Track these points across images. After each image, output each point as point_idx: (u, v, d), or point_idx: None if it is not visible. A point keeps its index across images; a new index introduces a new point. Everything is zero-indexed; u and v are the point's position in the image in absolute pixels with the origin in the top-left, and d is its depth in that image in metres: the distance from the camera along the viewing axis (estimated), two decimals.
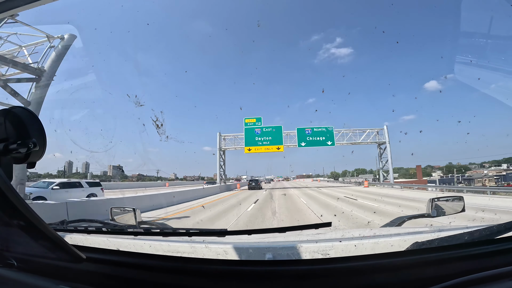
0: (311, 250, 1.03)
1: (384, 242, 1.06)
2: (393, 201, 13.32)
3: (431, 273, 0.86)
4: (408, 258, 0.91)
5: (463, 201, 1.82)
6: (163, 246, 1.13)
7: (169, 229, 1.31)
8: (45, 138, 0.81)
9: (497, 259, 0.88)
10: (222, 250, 1.05)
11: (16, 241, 0.85)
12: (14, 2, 1.21)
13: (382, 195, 16.65)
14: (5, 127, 0.75)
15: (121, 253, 1.07)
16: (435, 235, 1.04)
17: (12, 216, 0.64)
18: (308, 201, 14.49)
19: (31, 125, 0.78)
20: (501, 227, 0.96)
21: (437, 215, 1.76)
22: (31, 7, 1.29)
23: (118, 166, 21.87)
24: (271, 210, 10.90)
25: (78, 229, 1.36)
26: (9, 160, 0.75)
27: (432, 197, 1.81)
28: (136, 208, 1.67)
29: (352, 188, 27.31)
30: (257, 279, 0.92)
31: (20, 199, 0.62)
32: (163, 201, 12.91)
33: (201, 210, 11.53)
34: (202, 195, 18.79)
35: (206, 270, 0.96)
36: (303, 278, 0.89)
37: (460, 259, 0.89)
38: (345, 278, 0.90)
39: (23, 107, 0.81)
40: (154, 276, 0.97)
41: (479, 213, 8.06)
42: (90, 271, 0.99)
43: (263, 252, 1.09)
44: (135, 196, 11.92)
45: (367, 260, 0.91)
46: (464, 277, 0.78)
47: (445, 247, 0.92)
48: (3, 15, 1.25)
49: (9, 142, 0.73)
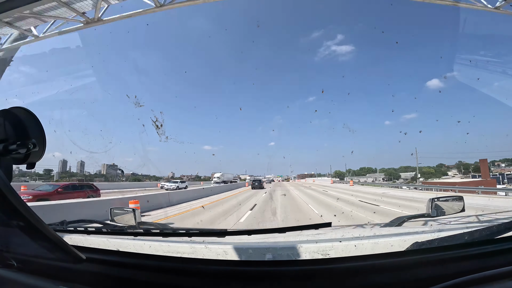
0: (311, 250, 1.02)
1: (384, 242, 1.06)
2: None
3: (432, 273, 0.86)
4: (408, 258, 0.91)
5: (463, 201, 1.82)
6: (163, 246, 1.12)
7: (169, 230, 1.30)
8: (45, 138, 0.81)
9: (497, 259, 0.88)
10: (222, 250, 1.05)
11: (16, 242, 0.85)
12: (14, 2, 1.21)
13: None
14: (4, 127, 0.75)
15: (121, 254, 1.07)
16: (435, 235, 1.04)
17: (12, 217, 0.64)
18: None
19: (31, 126, 0.78)
20: (501, 227, 0.96)
21: (437, 215, 1.76)
22: (31, 8, 1.29)
23: (113, 165, 20.41)
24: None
25: (78, 230, 1.36)
26: (9, 160, 0.75)
27: (432, 197, 1.81)
28: (135, 208, 1.67)
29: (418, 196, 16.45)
30: (257, 280, 0.92)
31: (20, 200, 0.61)
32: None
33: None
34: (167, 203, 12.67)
35: (206, 271, 0.96)
36: (303, 278, 0.89)
37: (460, 259, 0.89)
38: (345, 278, 0.90)
39: (23, 107, 0.80)
40: (154, 277, 0.97)
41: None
42: (90, 271, 0.99)
43: (263, 253, 1.09)
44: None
45: (367, 260, 0.91)
46: (464, 277, 0.78)
47: (445, 247, 0.92)
48: (3, 15, 1.25)
49: (9, 142, 0.73)
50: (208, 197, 17.22)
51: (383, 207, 11.38)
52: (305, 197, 17.19)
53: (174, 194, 15.37)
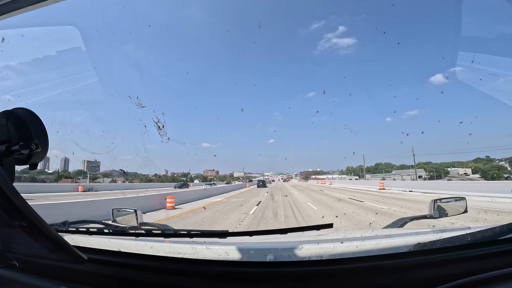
0: (312, 251, 1.02)
1: (386, 243, 1.05)
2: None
3: (434, 274, 0.86)
4: (411, 259, 0.91)
5: (465, 202, 1.81)
6: (164, 247, 1.13)
7: (171, 230, 1.30)
8: (47, 139, 0.82)
9: (500, 260, 0.88)
10: (223, 251, 1.05)
11: (17, 242, 0.85)
12: (16, 3, 1.22)
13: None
14: (7, 128, 0.75)
15: (122, 254, 1.07)
16: (437, 236, 1.04)
17: (14, 217, 0.64)
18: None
19: (33, 127, 0.79)
20: (504, 228, 0.95)
21: (440, 216, 1.75)
22: (32, 9, 1.30)
23: (95, 161, 18.69)
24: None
25: (79, 230, 1.36)
26: (12, 161, 0.75)
27: (434, 198, 1.80)
28: (137, 209, 1.67)
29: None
30: (258, 281, 0.92)
31: (22, 200, 0.62)
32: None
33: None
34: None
35: (207, 272, 0.96)
36: (304, 279, 0.88)
37: (463, 260, 0.89)
38: (347, 279, 0.89)
39: (26, 108, 0.81)
40: (155, 277, 0.97)
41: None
42: (91, 272, 0.99)
43: (265, 254, 1.09)
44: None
45: (369, 261, 0.90)
46: (467, 278, 0.77)
47: (447, 248, 0.92)
48: (4, 16, 1.26)
49: (12, 143, 0.73)
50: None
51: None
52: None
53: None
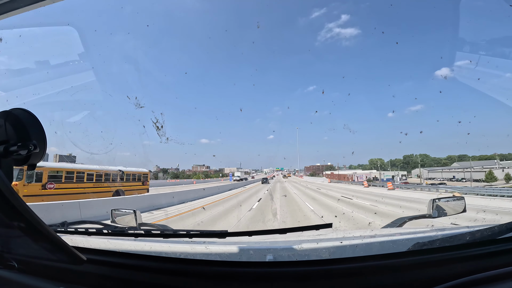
0: (312, 251, 1.02)
1: (385, 243, 1.05)
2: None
3: (433, 273, 0.86)
4: (410, 258, 0.91)
5: (464, 201, 1.81)
6: (163, 247, 1.12)
7: (170, 231, 1.30)
8: (46, 140, 0.81)
9: (499, 259, 0.88)
10: (223, 251, 1.05)
11: (16, 243, 0.85)
12: (14, 3, 1.22)
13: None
14: (5, 129, 0.75)
15: (121, 255, 1.07)
16: (436, 235, 1.04)
17: (12, 218, 0.64)
18: None
19: (32, 127, 0.78)
20: (503, 227, 0.96)
21: (438, 216, 1.75)
22: (30, 9, 1.29)
23: (70, 155, 16.04)
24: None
25: (78, 231, 1.36)
26: (10, 162, 0.75)
27: (433, 198, 1.80)
28: (136, 209, 1.67)
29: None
30: (257, 281, 0.92)
31: (21, 200, 0.61)
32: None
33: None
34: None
35: (206, 272, 0.96)
36: (304, 279, 0.88)
37: (462, 260, 0.89)
38: (346, 279, 0.89)
39: (24, 109, 0.80)
40: (155, 278, 0.96)
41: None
42: (90, 272, 0.98)
43: (264, 254, 1.09)
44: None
45: (368, 261, 0.91)
46: (466, 278, 0.78)
47: (446, 247, 0.92)
48: (2, 16, 1.25)
49: (10, 144, 0.73)
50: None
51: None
52: None
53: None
